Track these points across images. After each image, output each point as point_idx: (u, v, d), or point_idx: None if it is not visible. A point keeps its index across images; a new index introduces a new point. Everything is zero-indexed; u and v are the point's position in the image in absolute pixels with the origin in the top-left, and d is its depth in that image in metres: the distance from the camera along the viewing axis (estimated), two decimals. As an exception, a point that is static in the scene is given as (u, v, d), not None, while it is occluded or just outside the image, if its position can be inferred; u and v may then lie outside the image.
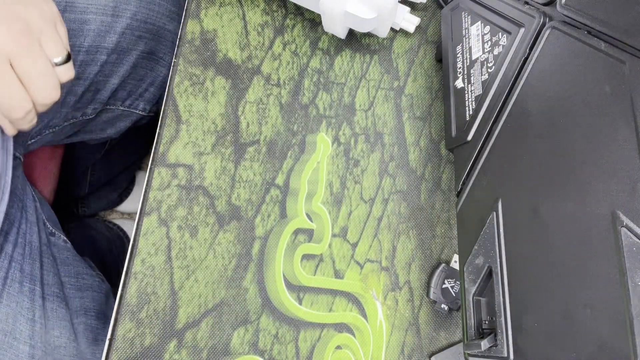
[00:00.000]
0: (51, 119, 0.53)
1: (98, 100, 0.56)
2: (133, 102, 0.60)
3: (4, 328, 0.46)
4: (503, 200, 0.35)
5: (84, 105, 0.55)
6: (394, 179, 0.45)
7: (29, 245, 0.51)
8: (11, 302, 0.47)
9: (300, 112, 0.45)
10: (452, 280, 0.43)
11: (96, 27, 0.51)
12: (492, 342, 0.33)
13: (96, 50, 0.52)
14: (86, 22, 0.51)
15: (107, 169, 0.87)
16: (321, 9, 0.41)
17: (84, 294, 0.55)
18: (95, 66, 0.53)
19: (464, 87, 0.41)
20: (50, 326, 0.50)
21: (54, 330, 0.50)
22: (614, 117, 0.30)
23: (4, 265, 0.47)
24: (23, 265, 0.49)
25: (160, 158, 0.42)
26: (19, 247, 0.49)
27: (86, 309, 0.54)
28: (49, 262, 0.53)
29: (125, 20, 0.53)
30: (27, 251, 0.50)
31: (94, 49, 0.52)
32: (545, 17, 0.36)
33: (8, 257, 0.48)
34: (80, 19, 0.50)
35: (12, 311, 0.47)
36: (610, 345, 0.27)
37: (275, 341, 0.41)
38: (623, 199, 0.28)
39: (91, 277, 0.58)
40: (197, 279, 0.41)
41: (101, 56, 0.53)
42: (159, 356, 0.39)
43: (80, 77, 0.53)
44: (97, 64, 0.53)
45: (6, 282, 0.47)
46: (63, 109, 0.53)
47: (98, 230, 0.87)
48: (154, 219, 0.41)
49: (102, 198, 0.91)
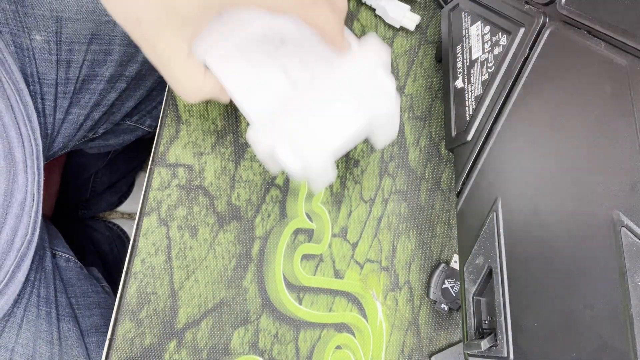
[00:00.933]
0: (67, 142, 0.54)
1: (110, 121, 0.56)
2: (140, 119, 0.60)
3: (25, 353, 0.47)
4: (503, 200, 0.35)
5: (97, 126, 0.55)
6: (394, 179, 0.45)
7: (43, 269, 0.51)
8: (30, 326, 0.48)
9: (300, 112, 0.45)
10: (452, 280, 0.43)
11: (119, 57, 0.51)
12: (492, 342, 0.33)
13: (117, 79, 0.53)
14: (110, 53, 0.51)
15: (109, 175, 0.87)
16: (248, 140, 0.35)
17: (92, 312, 0.55)
18: (115, 93, 0.53)
19: (464, 87, 0.41)
20: (68, 346, 0.50)
21: (72, 350, 0.50)
22: (614, 117, 0.30)
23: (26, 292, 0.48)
24: (40, 290, 0.50)
25: (160, 158, 0.42)
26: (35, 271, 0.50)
27: (97, 327, 0.54)
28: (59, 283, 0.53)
29: None
30: (42, 275, 0.51)
31: (115, 78, 0.52)
32: (545, 17, 0.36)
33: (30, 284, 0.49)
34: (105, 50, 0.51)
35: (32, 335, 0.48)
36: (610, 345, 0.27)
37: (275, 341, 0.41)
38: (623, 199, 0.28)
39: (97, 294, 0.58)
40: (197, 279, 0.41)
41: (121, 84, 0.53)
42: (159, 356, 0.39)
43: (100, 103, 0.53)
44: (117, 91, 0.53)
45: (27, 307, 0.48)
46: (79, 133, 0.54)
47: (99, 230, 0.87)
48: (154, 219, 0.41)
49: (102, 201, 0.91)
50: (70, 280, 0.56)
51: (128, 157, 0.87)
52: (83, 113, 0.52)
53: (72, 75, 0.50)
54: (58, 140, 0.52)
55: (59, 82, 0.49)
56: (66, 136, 0.53)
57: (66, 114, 0.51)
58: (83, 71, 0.50)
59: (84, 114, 0.52)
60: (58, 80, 0.49)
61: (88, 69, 0.50)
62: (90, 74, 0.51)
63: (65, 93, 0.50)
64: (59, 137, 0.52)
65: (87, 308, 0.55)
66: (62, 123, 0.51)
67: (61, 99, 0.50)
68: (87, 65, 0.50)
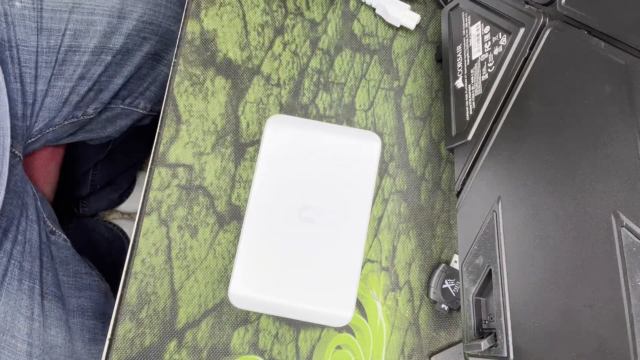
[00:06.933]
0: (53, 117, 0.53)
1: (100, 100, 0.56)
2: (134, 101, 0.60)
3: (1, 326, 0.46)
4: (503, 200, 0.35)
5: (85, 105, 0.55)
6: (394, 179, 0.45)
7: (29, 243, 0.51)
8: (10, 299, 0.47)
9: (300, 112, 0.45)
10: (452, 280, 0.43)
11: (102, 28, 0.51)
12: (492, 342, 0.33)
13: (101, 51, 0.52)
14: (92, 23, 0.51)
15: (108, 170, 0.87)
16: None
17: (82, 293, 0.55)
18: (100, 67, 0.53)
19: (464, 87, 0.41)
20: (48, 325, 0.50)
21: (50, 329, 0.50)
22: (614, 117, 0.30)
23: (3, 262, 0.47)
24: (22, 263, 0.49)
25: (160, 158, 0.42)
26: (18, 244, 0.49)
27: (83, 309, 0.54)
28: (48, 260, 0.53)
29: (131, 22, 0.53)
30: (27, 249, 0.50)
31: (99, 49, 0.52)
32: (546, 17, 0.36)
33: (7, 255, 0.48)
34: (87, 20, 0.51)
35: (11, 309, 0.47)
36: (610, 345, 0.27)
37: (275, 341, 0.41)
38: (623, 199, 0.28)
39: (90, 277, 0.58)
40: (197, 279, 0.41)
41: (106, 57, 0.53)
42: (159, 356, 0.39)
43: (85, 76, 0.53)
44: (102, 65, 0.53)
45: (4, 279, 0.47)
46: (65, 108, 0.53)
47: (98, 231, 0.87)
48: (154, 219, 0.41)
49: (102, 198, 0.91)
50: (66, 258, 0.56)
51: (126, 151, 0.87)
52: (68, 86, 0.52)
53: (53, 44, 0.50)
54: (43, 114, 0.52)
55: (40, 50, 0.49)
56: (51, 110, 0.52)
57: (49, 85, 0.51)
58: (65, 41, 0.50)
59: (68, 87, 0.52)
60: (39, 49, 0.49)
61: (70, 38, 0.50)
62: (73, 44, 0.51)
63: (47, 62, 0.50)
64: (43, 110, 0.52)
65: (77, 289, 0.55)
66: (45, 95, 0.51)
67: (43, 68, 0.50)
68: (69, 34, 0.50)
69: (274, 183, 0.38)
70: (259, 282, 0.36)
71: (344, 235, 0.37)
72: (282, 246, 0.37)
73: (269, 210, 0.37)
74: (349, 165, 0.38)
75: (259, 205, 0.37)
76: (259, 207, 0.37)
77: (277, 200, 0.37)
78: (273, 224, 0.37)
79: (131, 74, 0.56)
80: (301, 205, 0.37)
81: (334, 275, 0.36)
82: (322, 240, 0.37)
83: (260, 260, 0.36)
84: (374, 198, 0.45)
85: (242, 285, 0.36)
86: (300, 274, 0.36)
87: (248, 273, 0.36)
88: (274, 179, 0.38)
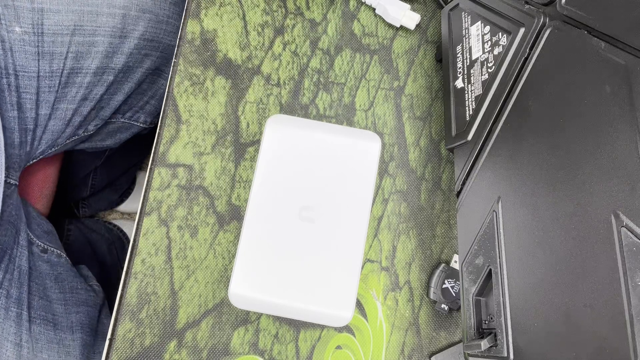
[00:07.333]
0: (56, 138, 0.53)
1: (101, 117, 0.56)
2: (134, 115, 0.60)
3: None
4: (503, 200, 0.35)
5: (87, 123, 0.55)
6: (394, 179, 0.45)
7: (18, 270, 0.50)
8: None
9: (300, 112, 0.45)
10: (452, 280, 0.43)
11: (104, 48, 0.51)
12: (492, 342, 0.33)
13: (103, 72, 0.52)
14: (94, 45, 0.50)
15: (108, 173, 0.87)
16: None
17: (79, 309, 0.54)
18: (102, 87, 0.53)
19: (464, 87, 0.41)
20: (39, 349, 0.49)
21: (42, 353, 0.49)
22: (614, 117, 0.30)
23: None
24: (10, 291, 0.48)
25: (160, 158, 0.42)
26: (8, 273, 0.49)
27: (82, 325, 0.54)
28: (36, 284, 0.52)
29: (133, 41, 0.52)
30: (16, 276, 0.50)
31: (101, 70, 0.52)
32: (546, 17, 0.36)
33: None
34: (89, 41, 0.50)
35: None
36: (610, 345, 0.27)
37: (275, 341, 0.41)
38: (623, 199, 0.28)
39: (86, 292, 0.57)
40: (197, 279, 0.41)
41: (108, 77, 0.52)
42: (159, 356, 0.39)
43: (87, 97, 0.52)
44: (104, 85, 0.53)
45: None
46: (68, 129, 0.53)
47: (98, 231, 0.87)
48: (154, 219, 0.41)
49: (102, 199, 0.91)
50: (61, 275, 0.55)
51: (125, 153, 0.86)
52: (71, 108, 0.52)
53: (56, 68, 0.49)
54: (46, 137, 0.52)
55: (43, 75, 0.49)
56: (54, 132, 0.52)
57: (52, 109, 0.50)
58: (68, 63, 0.50)
59: (71, 108, 0.52)
60: (41, 73, 0.49)
61: (72, 61, 0.50)
62: (75, 66, 0.50)
63: (51, 87, 0.50)
64: (47, 133, 0.51)
65: (74, 304, 0.54)
66: (48, 119, 0.51)
67: (46, 93, 0.49)
68: (72, 57, 0.50)
69: (274, 183, 0.38)
70: (259, 282, 0.36)
71: (344, 235, 0.37)
72: (282, 246, 0.37)
73: (269, 210, 0.37)
74: (349, 165, 0.38)
75: (259, 205, 0.37)
76: (259, 207, 0.37)
77: (277, 200, 0.37)
78: (273, 224, 0.37)
79: (132, 90, 0.56)
80: (301, 205, 0.37)
81: (334, 276, 0.36)
82: (322, 240, 0.37)
83: (260, 260, 0.36)
84: (374, 198, 0.45)
85: (242, 285, 0.36)
86: (300, 274, 0.36)
87: (248, 273, 0.36)
88: (274, 179, 0.38)
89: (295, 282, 0.36)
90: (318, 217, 0.37)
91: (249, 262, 0.36)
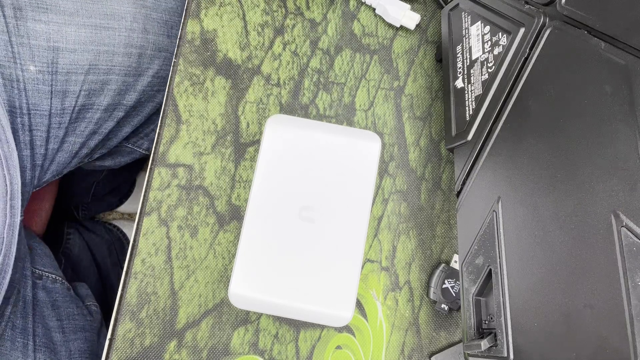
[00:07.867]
0: (62, 169, 0.52)
1: (106, 147, 0.55)
2: (137, 141, 0.59)
3: None
4: (503, 199, 0.35)
5: (92, 152, 0.54)
6: (394, 179, 0.45)
7: (23, 300, 0.50)
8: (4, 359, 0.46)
9: (300, 112, 0.45)
10: (452, 280, 0.43)
11: (117, 87, 0.50)
12: (492, 342, 0.33)
13: (114, 108, 0.51)
14: (108, 83, 0.50)
15: (111, 182, 0.87)
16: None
17: (77, 335, 0.54)
18: (112, 122, 0.52)
19: (464, 87, 0.41)
20: None
21: None
22: (614, 117, 0.30)
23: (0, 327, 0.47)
24: (15, 322, 0.48)
25: (160, 158, 0.42)
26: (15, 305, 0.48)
27: (81, 352, 0.53)
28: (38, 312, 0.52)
29: (146, 79, 0.52)
30: (21, 306, 0.49)
31: (112, 107, 0.51)
32: (546, 17, 0.36)
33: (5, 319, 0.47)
34: (103, 79, 0.49)
35: None
36: (610, 345, 0.27)
37: (275, 341, 0.41)
38: (623, 199, 0.28)
39: (83, 317, 0.56)
40: (197, 279, 0.41)
41: (119, 113, 0.52)
42: (159, 356, 0.39)
43: (96, 132, 0.52)
44: (114, 120, 0.52)
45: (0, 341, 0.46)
46: (74, 160, 0.53)
47: (98, 233, 0.87)
48: (154, 219, 0.41)
49: (103, 202, 0.91)
50: (57, 302, 0.55)
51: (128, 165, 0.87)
52: (79, 141, 0.51)
53: (68, 106, 0.49)
54: (52, 168, 0.51)
55: (54, 113, 0.48)
56: (61, 164, 0.51)
57: (61, 143, 0.50)
58: (80, 101, 0.49)
59: (79, 142, 0.51)
60: (52, 111, 0.48)
61: (84, 98, 0.49)
62: (86, 103, 0.49)
63: (61, 123, 0.49)
64: (53, 165, 0.51)
65: (72, 331, 0.54)
66: (56, 152, 0.50)
67: (56, 129, 0.49)
68: (84, 95, 0.49)
69: (274, 183, 0.38)
70: (259, 282, 0.36)
71: (344, 236, 0.37)
72: (282, 246, 0.37)
73: (269, 210, 0.37)
74: (349, 165, 0.38)
75: (259, 205, 0.37)
76: (259, 207, 0.37)
77: (277, 200, 0.37)
78: (273, 224, 0.37)
79: (140, 122, 0.55)
80: (301, 205, 0.37)
81: (334, 276, 0.36)
82: (322, 240, 0.37)
83: (260, 260, 0.36)
84: (374, 198, 0.45)
85: (242, 285, 0.36)
86: (300, 274, 0.36)
87: (248, 273, 0.36)
88: (274, 179, 0.38)
89: (295, 282, 0.36)
90: (318, 217, 0.37)
91: (249, 262, 0.36)
